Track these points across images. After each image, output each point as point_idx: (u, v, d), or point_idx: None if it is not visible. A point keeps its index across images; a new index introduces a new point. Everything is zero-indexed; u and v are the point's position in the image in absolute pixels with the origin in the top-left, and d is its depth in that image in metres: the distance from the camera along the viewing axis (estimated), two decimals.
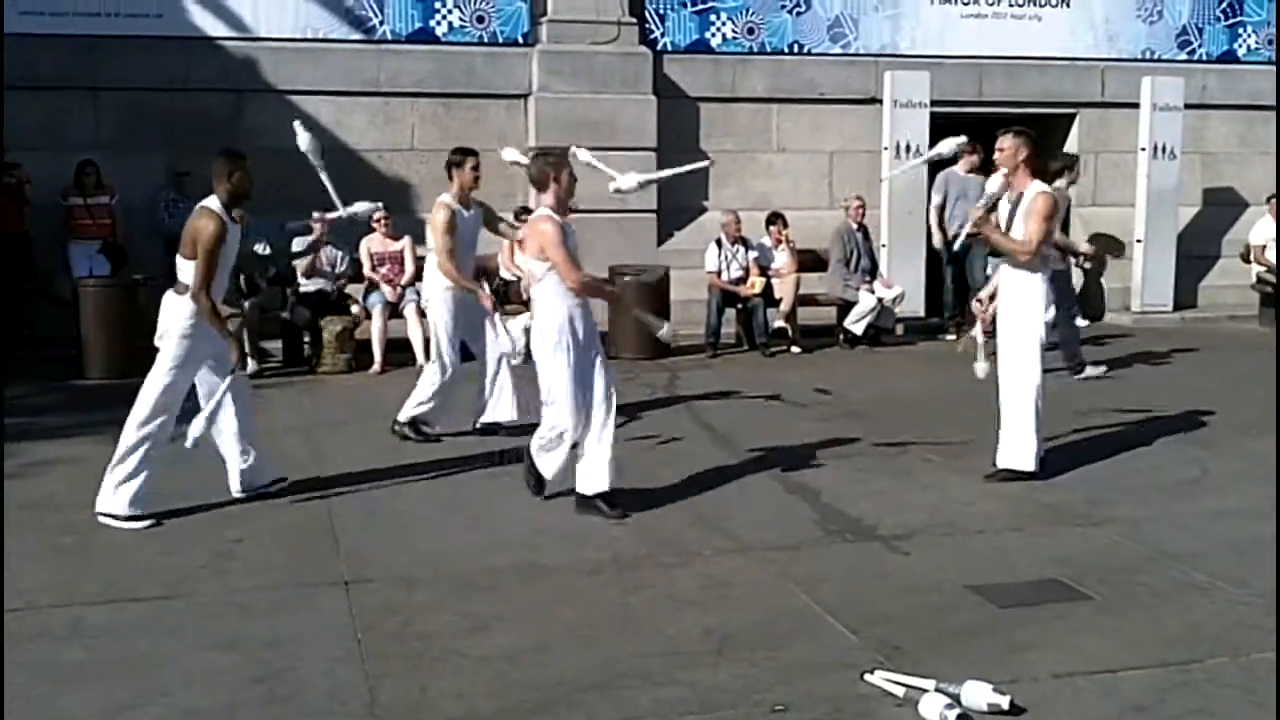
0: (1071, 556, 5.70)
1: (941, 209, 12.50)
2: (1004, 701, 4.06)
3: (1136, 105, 14.18)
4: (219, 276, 6.30)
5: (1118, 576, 5.41)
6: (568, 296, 6.28)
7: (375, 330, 11.03)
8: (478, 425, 8.18)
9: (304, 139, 7.55)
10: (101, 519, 6.23)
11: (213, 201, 6.29)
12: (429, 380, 8.09)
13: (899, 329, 12.61)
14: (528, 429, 6.81)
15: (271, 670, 4.46)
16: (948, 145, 7.87)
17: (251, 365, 10.88)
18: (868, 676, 4.31)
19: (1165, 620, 4.92)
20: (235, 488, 6.63)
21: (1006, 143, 6.91)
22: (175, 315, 6.32)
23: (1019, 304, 6.87)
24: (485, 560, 5.66)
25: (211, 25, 12.63)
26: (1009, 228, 6.90)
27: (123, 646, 4.70)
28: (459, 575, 5.46)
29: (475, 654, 4.61)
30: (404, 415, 8.12)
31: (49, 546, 5.91)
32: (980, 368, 7.24)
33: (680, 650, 4.62)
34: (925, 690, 4.13)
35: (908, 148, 13.11)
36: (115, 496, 6.26)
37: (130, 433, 6.29)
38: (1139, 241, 14.29)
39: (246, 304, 10.84)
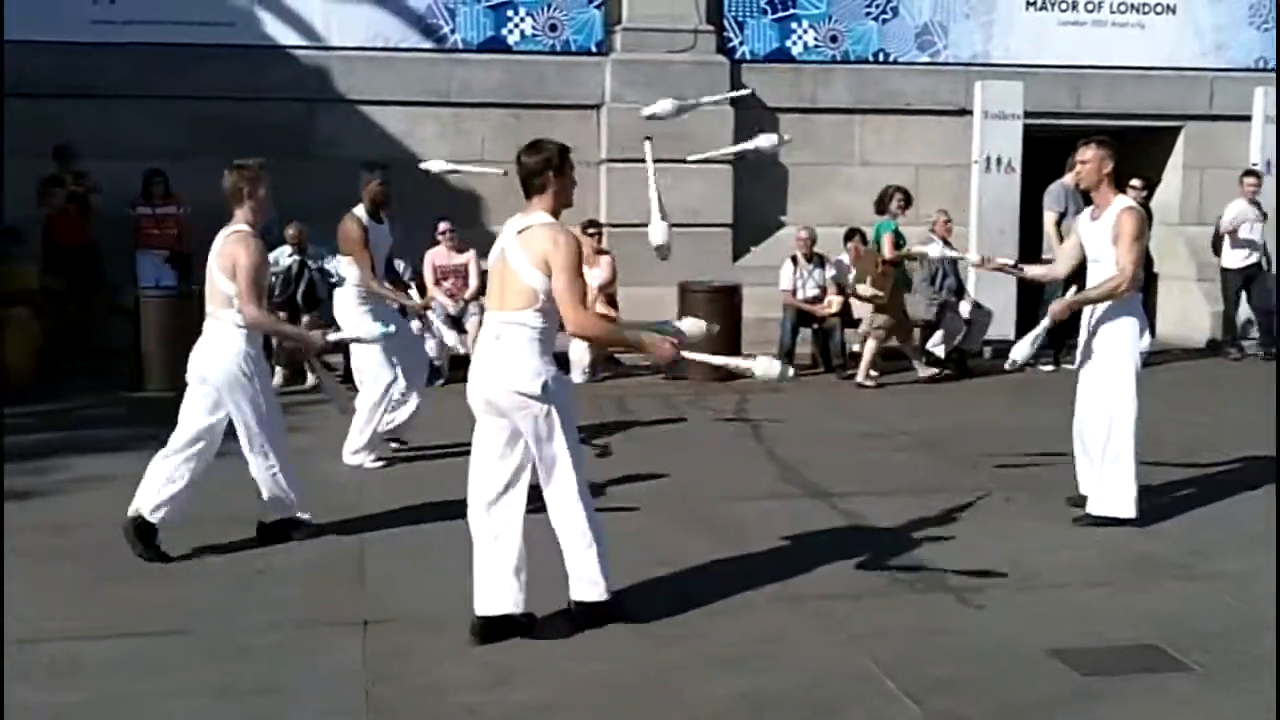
0: (1168, 617, 5.10)
1: (1059, 223, 11.59)
2: None
3: (1247, 118, 13.40)
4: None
5: (1222, 643, 4.80)
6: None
7: (435, 344, 10.72)
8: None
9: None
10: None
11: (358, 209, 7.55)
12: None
13: (986, 352, 11.97)
14: None
15: None
16: (766, 139, 7.13)
17: (311, 380, 10.65)
18: None
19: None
20: None
21: (1089, 155, 6.33)
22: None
23: (1112, 334, 6.29)
24: None
25: (283, 34, 12.43)
26: (1092, 248, 6.36)
27: (114, 689, 4.36)
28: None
29: (491, 713, 4.17)
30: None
31: (64, 572, 5.61)
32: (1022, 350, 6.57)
33: (714, 717, 4.13)
34: None
35: (998, 161, 12.47)
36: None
37: None
38: None
39: (306, 318, 10.58)
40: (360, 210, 7.73)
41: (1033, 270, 7.59)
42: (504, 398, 4.65)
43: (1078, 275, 6.80)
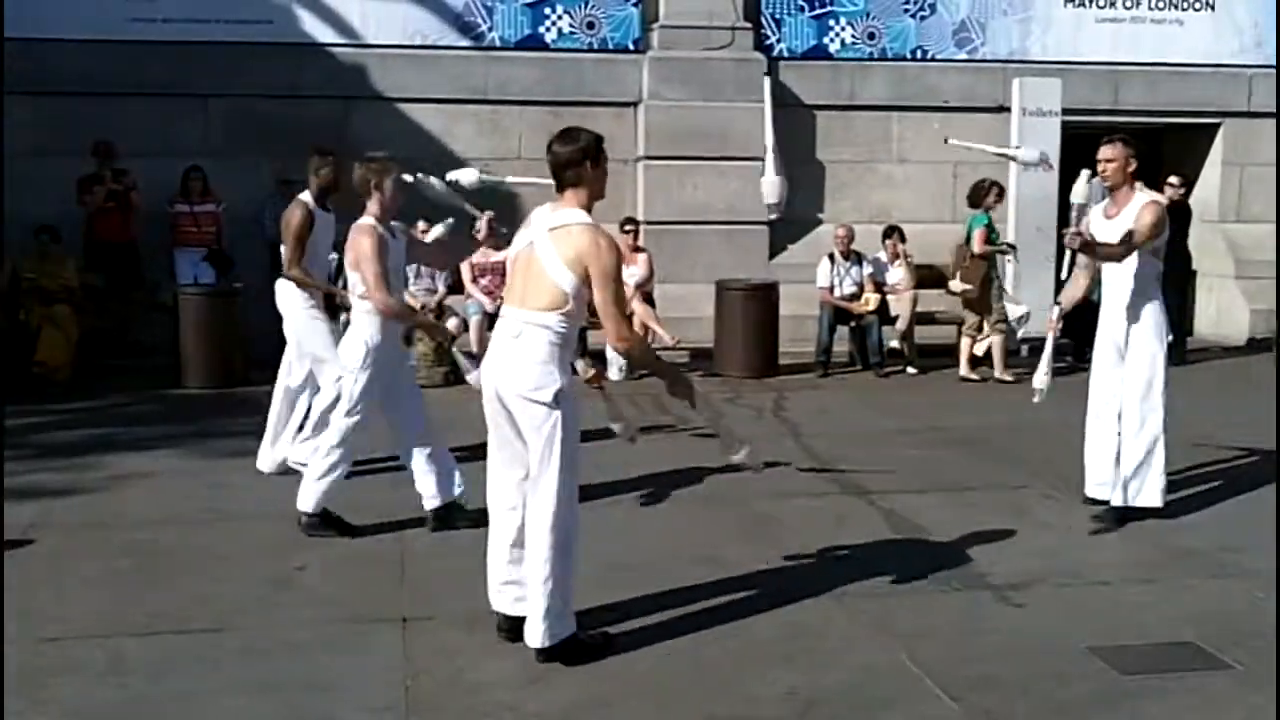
0: (1208, 615, 5.07)
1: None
2: None
3: None
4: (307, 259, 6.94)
5: (1261, 641, 4.77)
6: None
7: (474, 342, 10.74)
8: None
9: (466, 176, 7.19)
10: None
11: (304, 194, 6.97)
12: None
13: (1024, 350, 11.91)
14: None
15: (307, 718, 4.10)
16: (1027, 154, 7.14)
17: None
18: None
19: None
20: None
21: (1115, 153, 6.26)
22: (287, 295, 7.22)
23: (1138, 330, 6.27)
24: None
25: (321, 32, 12.50)
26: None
27: (157, 685, 4.39)
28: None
29: (530, 709, 4.19)
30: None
31: (105, 569, 5.66)
32: (1041, 379, 6.56)
33: (759, 714, 4.15)
34: None
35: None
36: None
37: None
38: None
39: (345, 315, 10.63)
40: (307, 196, 7.18)
41: (1067, 300, 7.20)
42: (514, 399, 4.46)
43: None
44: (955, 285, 11.03)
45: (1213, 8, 13.82)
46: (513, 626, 4.69)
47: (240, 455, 7.86)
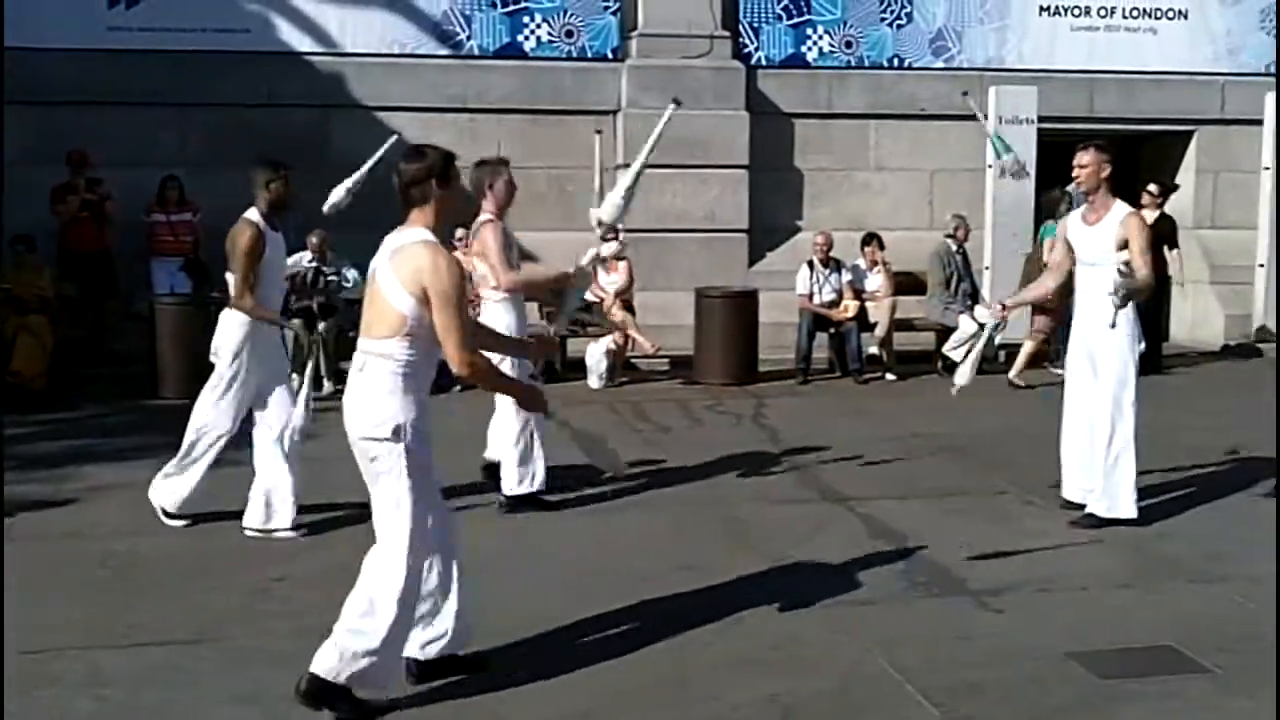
0: (1187, 620, 5.11)
1: None
2: None
3: (1260, 122, 13.37)
4: (261, 286, 6.40)
5: (1239, 645, 4.81)
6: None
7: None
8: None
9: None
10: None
11: (251, 212, 6.43)
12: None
13: (1001, 356, 11.96)
14: None
15: None
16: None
17: (328, 386, 10.67)
18: None
19: None
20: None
21: (1088, 159, 6.33)
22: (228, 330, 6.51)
23: (1110, 338, 6.30)
24: (537, 608, 5.20)
25: (299, 40, 12.47)
26: (1088, 252, 6.41)
27: (137, 697, 4.37)
28: (506, 626, 4.99)
29: (518, 718, 4.19)
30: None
31: (84, 581, 5.63)
32: (964, 373, 6.62)
33: None
34: None
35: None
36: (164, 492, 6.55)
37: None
38: (1261, 266, 13.45)
39: (322, 325, 10.62)
40: (255, 214, 6.44)
41: (1027, 295, 7.50)
42: (358, 437, 4.22)
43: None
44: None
45: (1186, 16, 13.93)
46: (421, 671, 4.44)
47: (217, 466, 7.81)
